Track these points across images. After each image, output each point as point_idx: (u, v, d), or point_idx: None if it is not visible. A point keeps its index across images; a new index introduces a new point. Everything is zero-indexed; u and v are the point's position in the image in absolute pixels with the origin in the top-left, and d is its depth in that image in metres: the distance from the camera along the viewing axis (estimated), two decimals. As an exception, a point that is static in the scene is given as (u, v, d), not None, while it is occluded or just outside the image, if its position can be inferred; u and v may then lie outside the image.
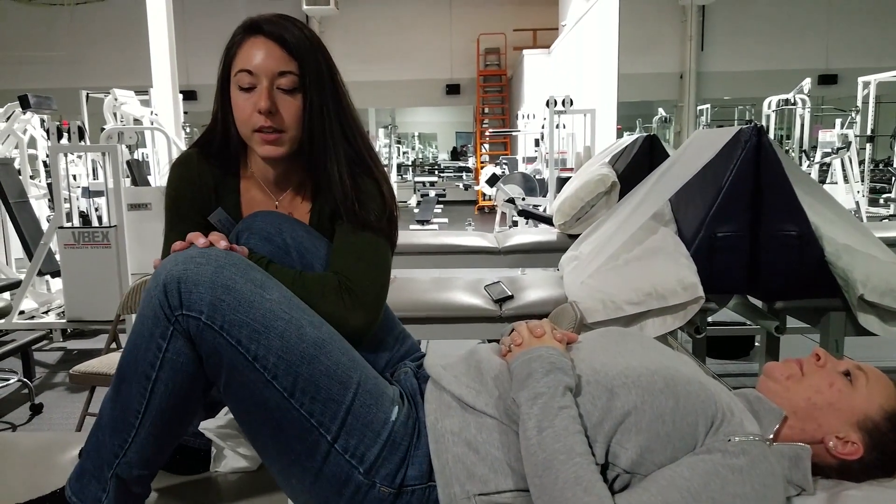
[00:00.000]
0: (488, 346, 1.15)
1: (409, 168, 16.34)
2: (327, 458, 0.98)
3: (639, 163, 3.47)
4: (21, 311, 3.61)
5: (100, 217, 5.30)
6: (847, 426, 1.01)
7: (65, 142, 3.67)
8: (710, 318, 2.33)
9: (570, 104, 5.51)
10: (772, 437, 1.01)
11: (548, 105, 5.60)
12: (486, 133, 12.64)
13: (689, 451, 0.93)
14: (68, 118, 3.88)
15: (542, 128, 7.00)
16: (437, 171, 16.10)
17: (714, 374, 1.30)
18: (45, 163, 5.68)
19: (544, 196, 5.70)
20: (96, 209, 5.39)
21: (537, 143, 7.63)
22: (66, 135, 3.64)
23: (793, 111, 7.69)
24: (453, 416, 1.03)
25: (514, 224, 6.23)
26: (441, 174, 15.68)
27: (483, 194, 10.45)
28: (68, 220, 3.60)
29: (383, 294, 1.19)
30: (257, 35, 1.14)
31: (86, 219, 5.24)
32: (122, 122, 5.49)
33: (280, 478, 1.05)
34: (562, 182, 4.73)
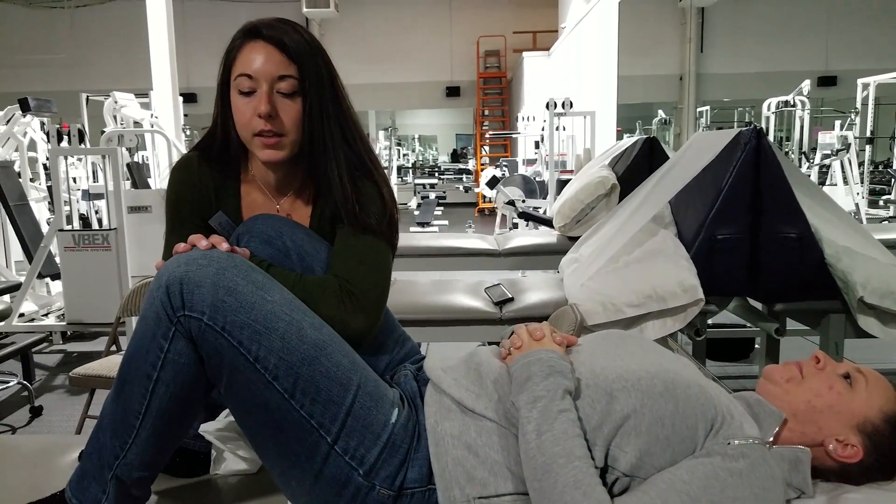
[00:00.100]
0: (488, 349, 1.15)
1: (410, 170, 16.33)
2: (327, 459, 0.99)
3: (639, 165, 3.47)
4: (21, 314, 3.61)
5: (100, 220, 5.30)
6: (847, 429, 1.01)
7: (65, 144, 3.67)
8: (710, 321, 2.33)
9: (570, 106, 5.51)
10: (771, 439, 1.01)
11: (548, 107, 5.59)
12: (486, 135, 12.65)
13: (689, 455, 0.93)
14: (68, 121, 3.88)
15: (542, 130, 6.99)
16: (437, 174, 16.10)
17: (714, 377, 1.30)
18: (45, 165, 5.67)
19: (544, 198, 5.70)
20: (96, 212, 5.39)
21: (537, 145, 7.63)
22: (66, 138, 3.64)
23: (792, 113, 7.70)
24: (453, 419, 1.03)
25: (515, 226, 6.23)
26: (441, 176, 15.67)
27: (483, 196, 10.46)
28: (68, 222, 3.60)
29: (384, 297, 1.19)
30: (257, 39, 1.14)
31: (86, 221, 5.24)
32: (122, 124, 5.49)
33: (280, 480, 1.05)
34: (562, 184, 4.73)
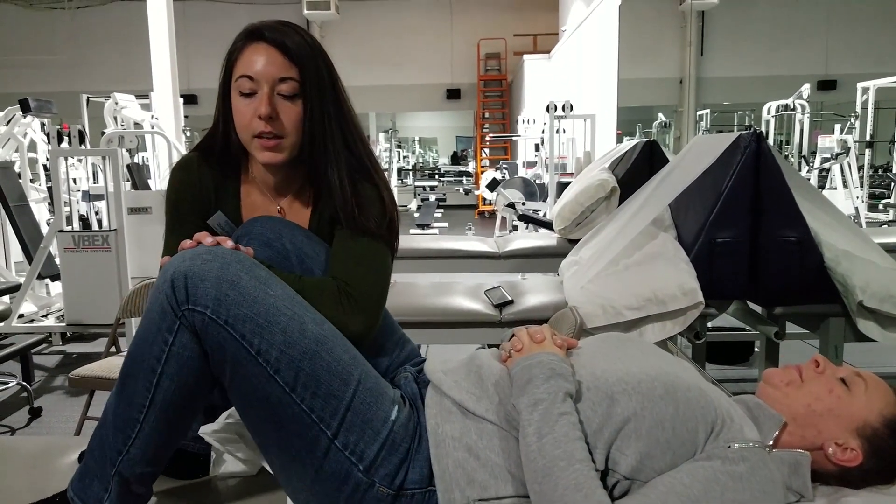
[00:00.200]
0: (489, 352, 1.15)
1: (410, 172, 16.36)
2: (327, 454, 0.99)
3: (639, 168, 3.47)
4: (20, 315, 3.60)
5: (100, 221, 5.30)
6: (846, 433, 1.01)
7: (65, 145, 3.66)
8: (710, 324, 2.33)
9: (571, 109, 5.52)
10: (771, 443, 1.01)
11: (548, 110, 5.60)
12: (487, 138, 12.65)
13: (689, 458, 0.93)
14: (69, 122, 3.88)
15: (543, 133, 7.00)
16: (437, 176, 16.12)
17: (714, 380, 1.30)
18: (45, 166, 5.68)
19: (544, 201, 5.70)
20: (96, 213, 5.39)
21: (537, 147, 7.63)
22: (66, 138, 3.64)
23: (792, 116, 7.71)
24: (454, 421, 1.03)
25: (515, 229, 6.23)
26: (441, 179, 15.69)
27: (483, 199, 10.47)
28: (68, 223, 3.59)
29: (383, 299, 1.20)
30: (258, 41, 1.14)
31: (86, 222, 5.25)
32: (122, 125, 5.50)
33: (281, 475, 1.06)
34: (562, 187, 4.74)
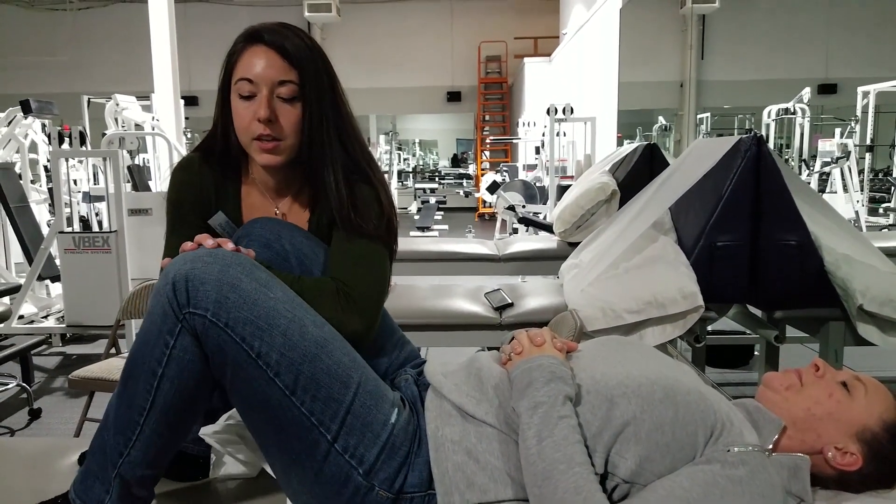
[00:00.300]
0: (488, 355, 1.15)
1: (410, 175, 16.35)
2: (327, 457, 0.99)
3: (639, 171, 3.47)
4: (20, 316, 3.60)
5: (100, 222, 5.31)
6: (846, 437, 1.01)
7: (66, 147, 3.67)
8: (710, 327, 2.33)
9: (571, 112, 5.52)
10: (771, 447, 1.01)
11: (548, 113, 5.61)
12: (487, 140, 12.66)
13: (689, 462, 0.93)
14: (70, 123, 3.88)
15: (543, 135, 7.01)
16: (437, 178, 16.11)
17: (713, 384, 1.30)
18: (46, 167, 5.68)
19: (544, 204, 5.71)
20: (97, 214, 5.40)
21: (538, 150, 7.64)
22: (67, 140, 3.65)
23: (792, 120, 7.70)
24: (454, 424, 1.03)
25: (515, 231, 6.23)
26: (441, 181, 15.68)
27: (483, 201, 10.47)
28: (69, 224, 3.60)
29: (381, 299, 1.20)
30: (258, 44, 1.14)
31: (86, 224, 5.25)
32: (123, 127, 5.51)
33: (282, 478, 1.06)
34: (562, 190, 4.74)
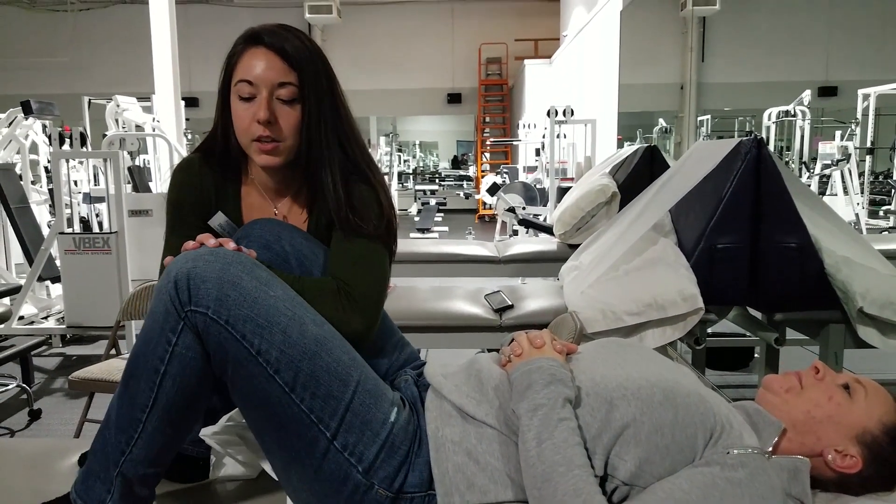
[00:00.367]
0: (488, 356, 1.15)
1: (410, 176, 16.36)
2: (326, 455, 0.99)
3: (639, 173, 3.47)
4: (21, 317, 3.60)
5: (100, 223, 5.30)
6: (846, 439, 1.01)
7: (66, 147, 3.67)
8: (710, 330, 2.33)
9: (571, 114, 5.52)
10: (771, 449, 1.01)
11: (549, 115, 5.60)
12: (487, 142, 12.66)
13: (688, 464, 0.93)
14: (70, 124, 3.88)
15: (543, 137, 7.01)
16: (437, 180, 16.12)
17: (713, 386, 1.30)
18: (46, 168, 5.69)
19: (545, 205, 5.70)
20: (97, 215, 5.39)
21: (538, 152, 7.64)
22: (67, 140, 3.65)
23: (793, 123, 7.70)
24: (454, 425, 1.03)
25: (515, 233, 6.23)
26: (442, 183, 15.69)
27: (483, 203, 10.47)
28: (69, 225, 3.59)
29: (381, 299, 1.20)
30: (258, 45, 1.15)
31: (87, 225, 5.25)
32: (123, 128, 5.51)
33: (282, 475, 1.06)
34: (562, 192, 4.74)
